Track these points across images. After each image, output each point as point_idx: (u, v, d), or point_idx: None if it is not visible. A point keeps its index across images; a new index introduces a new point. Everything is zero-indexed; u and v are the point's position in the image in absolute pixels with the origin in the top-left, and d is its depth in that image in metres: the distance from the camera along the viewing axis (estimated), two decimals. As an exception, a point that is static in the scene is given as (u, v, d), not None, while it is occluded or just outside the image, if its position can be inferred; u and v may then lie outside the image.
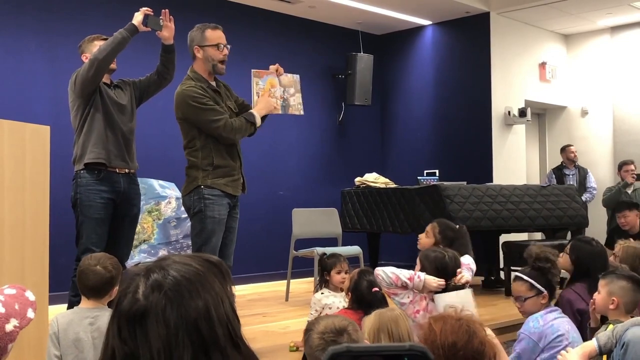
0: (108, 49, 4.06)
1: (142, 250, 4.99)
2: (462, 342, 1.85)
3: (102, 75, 4.15)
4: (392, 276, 3.38)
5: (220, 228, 4.06)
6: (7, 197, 2.91)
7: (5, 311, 1.73)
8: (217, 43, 4.08)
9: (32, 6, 6.37)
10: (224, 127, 4.01)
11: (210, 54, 4.07)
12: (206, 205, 4.02)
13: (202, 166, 4.05)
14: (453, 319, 1.91)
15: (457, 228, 4.17)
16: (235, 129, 4.05)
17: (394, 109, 9.44)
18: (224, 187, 4.07)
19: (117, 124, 4.22)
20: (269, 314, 5.62)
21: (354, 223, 7.27)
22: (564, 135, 9.78)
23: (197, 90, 4.02)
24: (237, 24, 7.73)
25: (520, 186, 6.85)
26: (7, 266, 2.89)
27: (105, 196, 4.11)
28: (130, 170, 4.34)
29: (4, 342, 1.70)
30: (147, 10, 4.15)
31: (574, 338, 3.19)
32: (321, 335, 2.18)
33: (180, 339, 1.14)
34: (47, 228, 3.14)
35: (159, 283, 1.17)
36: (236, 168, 4.16)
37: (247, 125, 4.11)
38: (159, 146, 7.03)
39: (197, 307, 1.16)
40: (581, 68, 9.75)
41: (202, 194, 4.03)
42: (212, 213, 4.02)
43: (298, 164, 8.47)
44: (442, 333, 1.86)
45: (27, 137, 3.07)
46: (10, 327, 1.72)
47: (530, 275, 3.38)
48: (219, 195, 4.05)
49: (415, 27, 9.14)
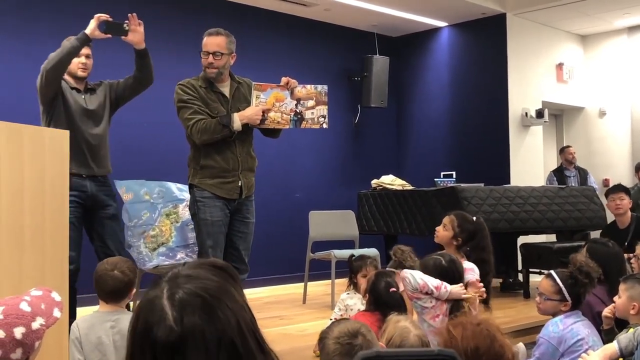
0: (56, 59, 3.98)
1: (161, 253, 5.00)
2: (484, 347, 1.86)
3: (53, 85, 4.08)
4: (420, 282, 3.33)
5: (215, 230, 4.08)
6: (27, 201, 2.93)
7: (31, 310, 1.78)
8: (203, 50, 4.18)
9: (48, 12, 6.42)
10: (193, 126, 4.04)
11: (202, 59, 4.20)
12: (198, 208, 4.08)
13: (192, 165, 4.16)
14: (472, 324, 1.92)
15: (475, 220, 4.13)
16: (202, 131, 4.04)
17: (410, 110, 9.41)
18: (212, 189, 4.08)
19: (80, 130, 4.15)
20: (287, 317, 5.62)
21: (371, 225, 7.25)
22: (582, 136, 9.72)
23: (184, 86, 4.13)
24: (252, 28, 7.75)
25: (538, 188, 6.81)
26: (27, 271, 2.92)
27: (72, 199, 3.95)
28: (98, 174, 4.31)
29: (31, 340, 1.74)
30: (103, 17, 4.01)
31: (594, 342, 3.16)
32: (336, 340, 2.21)
33: (220, 358, 1.12)
34: (66, 232, 3.16)
35: (188, 304, 1.13)
36: (229, 170, 4.14)
37: (217, 128, 4.06)
38: (176, 149, 7.05)
39: (230, 322, 1.14)
40: (598, 69, 9.69)
41: (195, 196, 4.10)
42: (204, 215, 4.06)
43: (314, 166, 8.48)
44: (463, 338, 1.87)
45: (46, 142, 3.09)
46: (36, 325, 1.76)
47: (563, 280, 3.31)
48: (210, 197, 4.07)
49: (431, 28, 9.12)
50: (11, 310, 1.76)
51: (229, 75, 4.31)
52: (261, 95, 4.22)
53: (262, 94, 4.22)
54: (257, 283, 7.16)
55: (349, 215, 6.74)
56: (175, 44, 7.19)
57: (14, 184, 2.88)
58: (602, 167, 9.48)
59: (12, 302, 1.79)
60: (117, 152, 6.69)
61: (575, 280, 3.30)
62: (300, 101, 4.29)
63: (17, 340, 1.72)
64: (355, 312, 4.02)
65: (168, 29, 7.18)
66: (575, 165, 8.67)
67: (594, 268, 3.35)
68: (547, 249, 6.33)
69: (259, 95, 4.21)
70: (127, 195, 5.12)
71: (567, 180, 8.44)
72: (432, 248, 4.36)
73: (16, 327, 1.73)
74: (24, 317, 1.76)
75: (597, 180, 9.01)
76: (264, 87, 4.24)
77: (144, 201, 5.12)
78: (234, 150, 4.19)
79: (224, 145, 4.15)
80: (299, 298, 6.34)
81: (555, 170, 8.69)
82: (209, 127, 4.05)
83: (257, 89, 4.23)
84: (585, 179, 8.57)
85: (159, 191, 5.18)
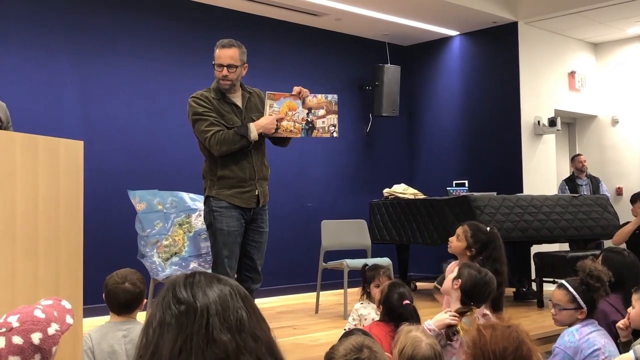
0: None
1: (174, 263, 5.02)
2: (512, 349, 1.91)
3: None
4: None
5: (231, 240, 4.09)
6: (41, 211, 2.94)
7: (45, 317, 1.81)
8: (216, 63, 4.19)
9: (63, 25, 6.48)
10: (211, 138, 4.06)
11: (215, 70, 4.20)
12: (214, 218, 4.09)
13: (209, 176, 4.16)
14: (502, 326, 1.97)
15: (488, 231, 4.11)
16: (220, 141, 4.07)
17: (422, 119, 9.41)
18: (230, 199, 4.10)
19: None
20: (299, 327, 5.61)
21: (383, 235, 7.24)
22: (594, 145, 9.68)
23: (198, 99, 4.14)
24: (264, 38, 7.78)
25: (551, 196, 6.78)
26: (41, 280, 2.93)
27: None
28: None
29: (49, 345, 1.77)
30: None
31: (611, 352, 3.13)
32: (345, 358, 2.22)
33: None
34: (81, 242, 3.17)
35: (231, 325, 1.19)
36: (246, 180, 4.17)
37: (235, 138, 4.09)
38: (189, 160, 7.09)
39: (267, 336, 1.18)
40: (611, 76, 9.65)
41: (211, 206, 4.10)
42: (220, 225, 4.07)
43: (326, 175, 8.48)
44: (492, 339, 1.92)
45: (61, 152, 3.10)
46: (52, 330, 1.79)
47: (575, 288, 3.29)
48: (226, 207, 4.09)
49: (442, 37, 9.12)
50: (26, 317, 1.79)
51: (240, 86, 4.33)
52: (274, 104, 4.24)
53: (275, 103, 4.25)
54: (270, 292, 7.16)
55: (361, 224, 6.72)
56: (187, 54, 7.22)
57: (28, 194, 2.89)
58: (615, 175, 9.42)
59: (26, 310, 1.83)
60: (130, 162, 6.75)
61: (588, 286, 3.27)
62: (311, 110, 4.32)
63: (35, 345, 1.75)
64: (369, 321, 4.00)
65: (180, 40, 7.22)
66: (587, 173, 8.63)
67: (604, 271, 3.34)
68: (560, 258, 6.29)
69: (272, 105, 4.24)
70: (140, 205, 5.15)
71: (579, 189, 8.40)
72: (444, 257, 4.35)
73: (33, 332, 1.76)
74: (40, 323, 1.79)
75: (609, 189, 8.96)
76: (277, 96, 4.26)
77: (157, 211, 5.14)
78: (250, 159, 4.21)
79: (241, 155, 4.18)
80: (312, 308, 6.33)
81: (567, 179, 8.65)
82: (227, 138, 4.07)
83: (270, 98, 4.25)
84: (597, 187, 8.53)
85: (172, 201, 5.20)
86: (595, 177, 8.69)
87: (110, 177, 6.51)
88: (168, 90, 7.05)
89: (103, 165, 6.44)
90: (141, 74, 6.96)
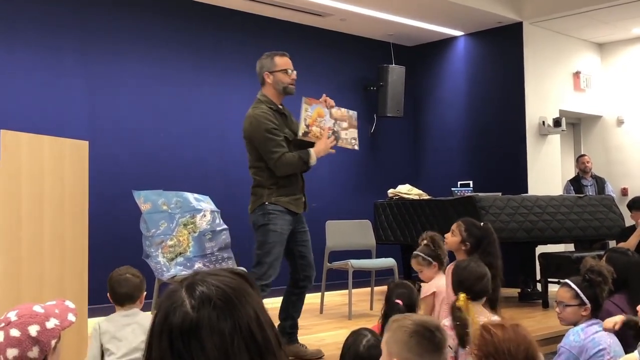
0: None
1: (179, 263, 5.02)
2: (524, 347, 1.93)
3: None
4: None
5: (281, 241, 4.34)
6: (47, 211, 2.96)
7: (44, 312, 1.85)
8: (285, 68, 4.35)
9: (70, 25, 6.49)
10: (278, 160, 4.28)
11: (279, 78, 4.37)
12: (270, 220, 4.31)
13: (267, 185, 4.34)
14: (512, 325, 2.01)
15: (482, 226, 4.18)
16: (287, 165, 4.31)
17: (427, 120, 9.40)
18: (287, 205, 4.36)
19: None
20: (304, 327, 5.58)
21: (388, 235, 7.23)
22: (600, 145, 9.66)
23: (269, 116, 4.30)
24: (270, 38, 7.78)
25: (557, 197, 6.77)
26: (47, 280, 2.94)
27: None
28: None
29: (47, 338, 1.80)
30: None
31: (616, 352, 3.12)
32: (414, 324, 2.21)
33: (236, 345, 1.13)
34: (86, 242, 3.18)
35: (207, 295, 1.16)
36: (298, 188, 4.46)
37: (299, 163, 4.36)
38: (194, 161, 7.11)
39: (248, 313, 1.16)
40: (616, 77, 9.63)
41: (267, 209, 4.31)
42: (274, 227, 4.30)
43: (331, 175, 8.47)
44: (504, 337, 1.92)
45: (67, 152, 3.11)
46: (51, 324, 1.83)
47: (578, 284, 3.31)
48: (281, 212, 4.33)
49: (447, 38, 9.11)
50: (24, 311, 1.83)
51: None
52: (309, 109, 4.42)
53: (310, 107, 4.42)
54: (274, 293, 7.14)
55: (365, 225, 6.72)
56: (193, 55, 7.23)
57: (34, 194, 2.90)
58: (620, 175, 9.40)
59: (25, 306, 1.87)
60: (135, 162, 6.76)
61: (589, 281, 3.30)
62: (336, 121, 4.53)
63: (32, 337, 1.78)
64: None
65: (186, 40, 7.23)
66: (592, 174, 8.60)
67: (606, 267, 3.37)
68: (565, 258, 6.27)
69: (307, 109, 4.41)
70: (145, 205, 5.15)
71: (584, 189, 8.37)
72: (450, 258, 4.36)
73: (30, 325, 1.79)
74: (38, 317, 1.83)
75: (615, 189, 8.93)
76: (312, 101, 4.45)
77: (162, 211, 5.15)
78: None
79: None
80: (316, 308, 6.33)
81: (572, 180, 8.63)
82: (292, 163, 4.33)
83: (306, 102, 4.42)
84: (602, 188, 8.51)
85: (177, 201, 5.20)
86: (601, 178, 8.66)
87: (116, 177, 6.53)
88: (174, 91, 7.06)
89: (108, 166, 6.46)
90: (147, 75, 6.97)
